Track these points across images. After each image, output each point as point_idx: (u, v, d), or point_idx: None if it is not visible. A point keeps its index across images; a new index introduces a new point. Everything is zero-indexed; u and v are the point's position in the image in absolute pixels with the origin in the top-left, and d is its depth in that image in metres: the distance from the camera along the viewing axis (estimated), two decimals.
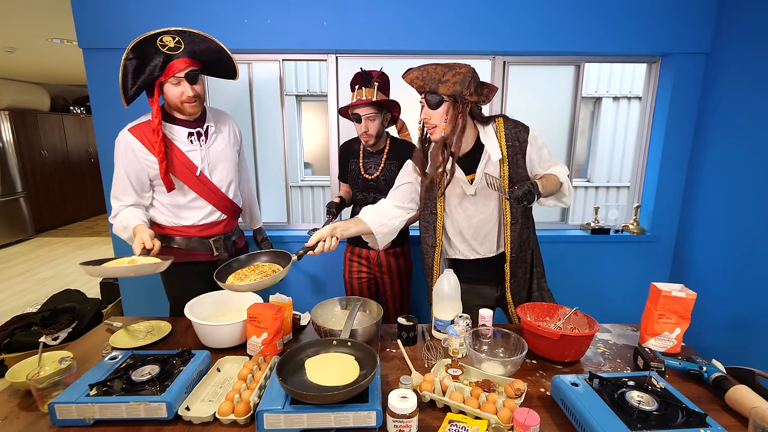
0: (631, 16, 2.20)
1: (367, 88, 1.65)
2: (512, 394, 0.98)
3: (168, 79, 1.42)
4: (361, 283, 1.93)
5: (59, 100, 6.48)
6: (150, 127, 1.47)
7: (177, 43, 1.40)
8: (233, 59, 1.56)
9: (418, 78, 1.29)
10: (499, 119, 1.39)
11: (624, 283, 2.55)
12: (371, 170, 1.79)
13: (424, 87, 1.28)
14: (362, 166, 1.81)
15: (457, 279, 1.35)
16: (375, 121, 1.68)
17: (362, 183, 1.81)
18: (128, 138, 1.47)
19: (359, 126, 1.69)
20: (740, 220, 2.08)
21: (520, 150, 1.37)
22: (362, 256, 1.90)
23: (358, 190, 1.83)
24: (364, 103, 1.63)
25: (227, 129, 1.66)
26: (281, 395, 0.91)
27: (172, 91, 1.44)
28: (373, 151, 1.80)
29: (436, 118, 1.29)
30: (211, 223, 1.62)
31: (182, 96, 1.44)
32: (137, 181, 1.50)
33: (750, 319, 2.02)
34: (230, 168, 1.64)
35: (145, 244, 1.36)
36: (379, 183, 1.78)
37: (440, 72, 1.26)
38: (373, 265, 1.90)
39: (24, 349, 2.36)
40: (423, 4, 2.17)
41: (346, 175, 1.89)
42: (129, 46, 1.38)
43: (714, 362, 1.11)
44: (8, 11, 2.92)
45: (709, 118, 2.26)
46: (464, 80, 1.25)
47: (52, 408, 0.90)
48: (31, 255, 4.93)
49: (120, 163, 1.48)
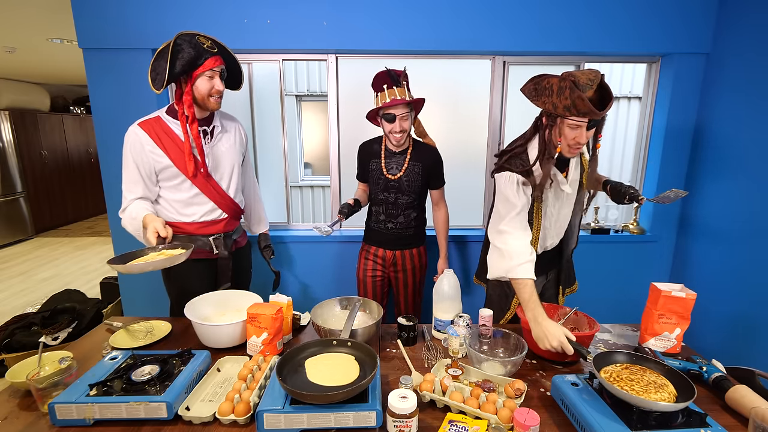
0: (631, 16, 2.20)
1: (398, 87, 1.66)
2: (512, 394, 0.98)
3: (204, 72, 1.49)
4: (375, 281, 1.93)
5: (59, 100, 6.48)
6: (158, 123, 1.53)
7: (212, 44, 1.51)
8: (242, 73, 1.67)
9: (596, 98, 1.20)
10: None
11: (624, 283, 2.55)
12: (393, 170, 1.79)
13: (596, 113, 1.17)
14: (384, 166, 1.80)
15: (457, 279, 1.35)
16: (408, 120, 1.70)
17: (384, 183, 1.81)
18: (138, 132, 1.52)
19: (392, 125, 1.69)
20: (740, 220, 2.08)
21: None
22: (378, 255, 1.90)
23: (380, 190, 1.83)
24: (400, 103, 1.64)
25: (233, 131, 1.70)
26: (281, 395, 0.91)
27: (204, 84, 1.51)
28: (396, 151, 1.80)
29: (589, 137, 1.24)
30: (212, 221, 1.64)
31: (212, 89, 1.52)
32: (146, 173, 1.54)
33: (750, 319, 2.02)
34: (233, 168, 1.66)
35: (159, 232, 1.39)
36: (402, 184, 1.79)
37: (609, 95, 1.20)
38: (389, 264, 1.90)
39: (24, 349, 2.36)
40: (423, 4, 2.17)
41: (366, 175, 1.89)
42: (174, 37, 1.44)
43: (714, 362, 1.11)
44: (8, 11, 2.92)
45: (709, 118, 2.26)
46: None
47: (52, 408, 0.90)
48: (31, 255, 4.93)
49: (129, 156, 1.52)
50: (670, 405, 0.83)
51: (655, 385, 0.90)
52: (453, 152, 2.67)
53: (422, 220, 1.92)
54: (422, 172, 1.79)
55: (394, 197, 1.81)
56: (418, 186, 1.80)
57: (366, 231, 1.97)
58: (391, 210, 1.84)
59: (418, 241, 1.91)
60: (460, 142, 2.64)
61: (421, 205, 1.90)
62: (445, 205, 1.94)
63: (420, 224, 1.90)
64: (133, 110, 2.05)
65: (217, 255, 1.65)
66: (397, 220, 1.84)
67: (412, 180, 1.79)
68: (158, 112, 1.57)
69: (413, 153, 1.80)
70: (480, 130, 2.50)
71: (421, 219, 1.91)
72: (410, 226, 1.86)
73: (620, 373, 0.95)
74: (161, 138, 1.52)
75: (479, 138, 2.52)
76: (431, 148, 1.85)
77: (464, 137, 2.62)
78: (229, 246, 1.70)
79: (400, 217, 1.84)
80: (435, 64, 2.43)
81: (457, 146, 2.65)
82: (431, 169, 1.81)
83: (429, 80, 2.48)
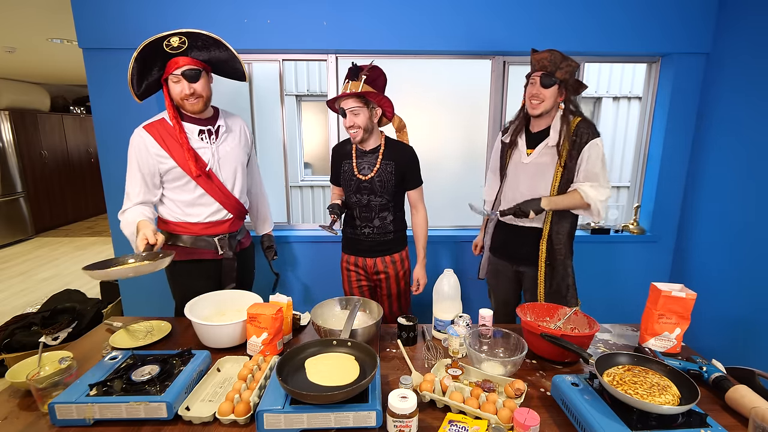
0: (630, 17, 2.20)
1: (353, 81, 1.61)
2: (512, 394, 0.98)
3: (169, 77, 1.48)
4: (362, 291, 1.86)
5: (59, 100, 6.47)
6: (163, 125, 1.53)
7: (181, 43, 1.46)
8: (241, 62, 1.61)
9: (546, 59, 1.51)
10: (577, 117, 1.59)
11: (624, 283, 2.55)
12: (365, 171, 1.70)
13: (547, 67, 1.51)
14: (356, 166, 1.72)
15: (457, 279, 1.35)
16: (359, 115, 1.60)
17: (355, 184, 1.72)
18: (143, 135, 1.52)
19: (345, 120, 1.63)
20: (740, 220, 2.08)
21: (577, 146, 1.56)
22: (359, 264, 1.81)
23: (351, 192, 1.74)
24: (348, 96, 1.57)
25: (238, 131, 1.70)
26: (281, 395, 0.91)
27: (173, 88, 1.50)
28: (366, 150, 1.71)
29: (545, 94, 1.53)
30: (217, 222, 1.63)
31: (182, 93, 1.49)
32: (150, 177, 1.54)
33: (750, 319, 2.02)
34: (238, 168, 1.66)
35: (149, 239, 1.38)
36: (374, 184, 1.69)
37: (559, 59, 1.50)
38: (371, 273, 1.81)
39: (24, 349, 2.36)
40: (423, 4, 2.17)
41: (339, 177, 1.79)
42: (138, 49, 1.43)
43: (714, 362, 1.11)
44: (8, 11, 2.92)
45: (709, 118, 2.26)
46: (573, 71, 1.51)
47: (52, 408, 0.90)
48: (31, 255, 4.93)
49: (134, 159, 1.53)
50: (675, 408, 0.83)
51: (658, 387, 0.90)
52: (453, 152, 2.68)
53: (400, 223, 1.80)
54: (395, 171, 1.69)
55: (367, 199, 1.71)
56: (391, 186, 1.69)
57: (343, 239, 1.86)
58: (365, 213, 1.73)
59: (398, 245, 1.80)
60: (460, 142, 2.64)
61: (398, 206, 1.78)
62: (423, 208, 1.80)
63: (399, 228, 1.78)
64: (133, 110, 2.05)
65: (222, 256, 1.65)
66: (372, 224, 1.74)
67: (384, 180, 1.68)
68: (162, 114, 1.57)
69: (386, 152, 1.70)
70: (480, 130, 2.50)
71: (399, 222, 1.79)
72: (388, 230, 1.75)
73: (623, 375, 0.95)
74: (165, 140, 1.52)
75: (479, 138, 2.52)
76: (405, 146, 1.74)
77: (464, 137, 2.62)
78: (234, 246, 1.69)
79: (375, 220, 1.73)
80: (435, 64, 2.43)
81: (457, 146, 2.65)
82: (405, 168, 1.70)
83: (429, 80, 2.48)
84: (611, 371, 0.97)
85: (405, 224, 1.84)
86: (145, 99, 1.57)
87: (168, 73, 1.48)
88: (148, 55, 1.47)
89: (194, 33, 1.48)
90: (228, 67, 1.62)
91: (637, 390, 0.89)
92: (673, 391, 0.89)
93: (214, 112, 1.64)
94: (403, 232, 1.82)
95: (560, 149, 1.58)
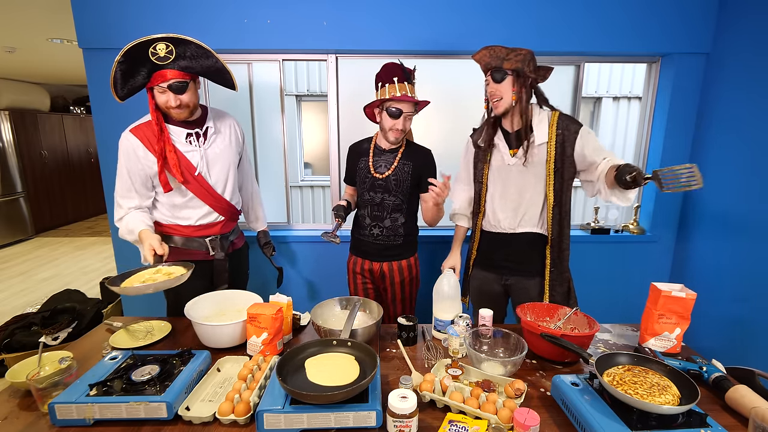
0: (630, 17, 2.20)
1: (409, 84, 1.57)
2: (512, 394, 0.98)
3: (155, 87, 1.45)
4: (367, 294, 1.84)
5: (59, 100, 6.48)
6: (150, 128, 1.50)
7: (168, 53, 1.41)
8: (231, 73, 1.54)
9: (486, 56, 1.47)
10: (555, 111, 1.53)
11: (624, 283, 2.55)
12: (382, 169, 1.69)
13: (491, 63, 1.47)
14: (372, 164, 1.70)
15: (456, 279, 1.35)
16: (410, 121, 1.63)
17: (370, 182, 1.70)
18: (130, 138, 1.50)
19: (395, 122, 1.58)
20: (740, 219, 2.08)
21: (568, 139, 1.49)
22: (365, 268, 1.78)
23: (365, 190, 1.72)
24: (410, 100, 1.56)
25: (228, 130, 1.66)
26: (281, 395, 0.91)
27: (159, 97, 1.47)
28: (385, 149, 1.71)
29: (502, 90, 1.47)
30: (208, 224, 1.63)
31: (167, 103, 1.46)
32: (140, 181, 1.52)
33: (750, 319, 2.02)
34: (228, 170, 1.63)
35: (156, 250, 1.40)
36: (389, 183, 1.68)
37: (504, 52, 1.46)
38: (377, 278, 1.79)
39: (24, 349, 2.36)
40: (423, 4, 2.17)
41: (354, 176, 1.79)
42: (122, 50, 1.39)
43: (714, 362, 1.11)
44: (8, 11, 2.92)
45: (709, 118, 2.26)
46: (525, 59, 1.44)
47: (52, 408, 0.90)
48: (31, 255, 4.93)
49: (123, 163, 1.51)
50: (675, 408, 0.83)
51: (658, 387, 0.90)
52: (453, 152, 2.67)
53: (411, 228, 1.77)
54: (412, 171, 1.68)
55: (381, 197, 1.70)
56: (407, 186, 1.68)
57: (352, 240, 1.84)
58: (376, 212, 1.71)
59: (407, 251, 1.77)
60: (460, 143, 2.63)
61: (410, 209, 1.75)
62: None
63: (409, 233, 1.75)
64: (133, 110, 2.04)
65: (213, 257, 1.65)
66: (383, 224, 1.71)
67: (400, 179, 1.67)
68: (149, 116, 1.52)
69: (405, 152, 1.70)
70: None
71: (410, 227, 1.76)
72: (398, 233, 1.72)
73: (623, 375, 0.95)
74: (152, 143, 1.48)
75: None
76: (425, 149, 1.75)
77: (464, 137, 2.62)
78: (226, 247, 1.69)
79: (386, 220, 1.71)
80: (435, 64, 2.43)
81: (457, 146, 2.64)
82: (422, 169, 1.69)
83: (429, 80, 2.48)
84: (611, 371, 0.97)
85: (416, 230, 1.81)
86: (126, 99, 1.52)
87: (154, 84, 1.44)
88: (135, 56, 1.42)
89: (183, 41, 1.42)
90: (218, 76, 1.57)
91: (637, 390, 0.89)
92: (673, 391, 0.89)
93: (202, 113, 1.59)
94: (413, 237, 1.79)
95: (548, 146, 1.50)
